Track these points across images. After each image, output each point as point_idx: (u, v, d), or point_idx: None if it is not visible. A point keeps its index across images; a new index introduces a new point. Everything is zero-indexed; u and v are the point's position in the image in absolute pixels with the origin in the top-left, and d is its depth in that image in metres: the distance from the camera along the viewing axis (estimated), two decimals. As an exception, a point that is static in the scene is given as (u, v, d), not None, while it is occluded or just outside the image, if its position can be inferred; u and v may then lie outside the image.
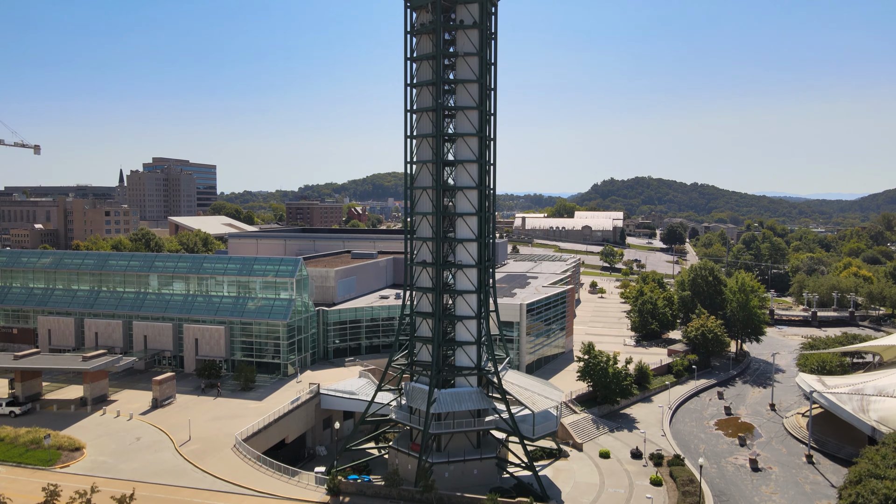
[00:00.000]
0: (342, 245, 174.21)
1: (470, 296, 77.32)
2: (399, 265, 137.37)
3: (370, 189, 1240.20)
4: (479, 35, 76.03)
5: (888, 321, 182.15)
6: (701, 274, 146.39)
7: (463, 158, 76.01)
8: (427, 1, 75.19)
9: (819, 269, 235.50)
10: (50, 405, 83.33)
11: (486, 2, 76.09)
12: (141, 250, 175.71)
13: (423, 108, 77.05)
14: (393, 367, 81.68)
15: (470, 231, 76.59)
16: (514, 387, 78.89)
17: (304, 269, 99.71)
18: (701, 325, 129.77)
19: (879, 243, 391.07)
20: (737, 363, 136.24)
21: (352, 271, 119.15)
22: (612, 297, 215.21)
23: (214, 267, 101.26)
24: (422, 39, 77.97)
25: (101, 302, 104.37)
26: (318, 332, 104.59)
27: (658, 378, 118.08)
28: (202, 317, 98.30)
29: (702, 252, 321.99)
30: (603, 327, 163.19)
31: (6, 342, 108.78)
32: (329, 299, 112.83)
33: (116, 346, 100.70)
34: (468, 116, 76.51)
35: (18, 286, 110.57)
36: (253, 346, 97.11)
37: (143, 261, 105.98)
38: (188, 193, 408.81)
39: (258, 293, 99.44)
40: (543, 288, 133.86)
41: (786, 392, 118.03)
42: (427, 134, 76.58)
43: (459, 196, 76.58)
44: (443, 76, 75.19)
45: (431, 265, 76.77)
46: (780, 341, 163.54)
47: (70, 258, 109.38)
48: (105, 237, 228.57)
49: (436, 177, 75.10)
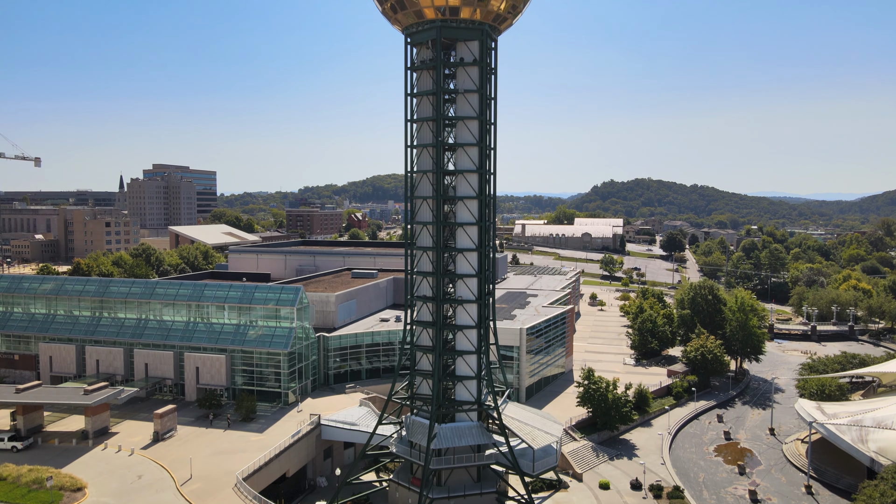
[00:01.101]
0: (342, 261, 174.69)
1: (470, 331, 77.70)
2: (399, 285, 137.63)
3: (370, 191, 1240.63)
4: (479, 72, 76.42)
5: (887, 336, 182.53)
6: (700, 293, 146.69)
7: (463, 194, 76.22)
8: (427, 38, 75.56)
9: (819, 280, 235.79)
10: (51, 438, 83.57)
11: (486, 38, 76.44)
12: (142, 266, 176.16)
13: (424, 143, 77.41)
14: (393, 399, 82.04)
15: (469, 266, 76.88)
16: (514, 422, 79.19)
17: (304, 297, 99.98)
18: (700, 345, 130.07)
19: (879, 249, 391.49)
20: (736, 382, 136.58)
21: (352, 294, 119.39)
22: (612, 309, 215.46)
23: (216, 294, 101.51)
24: (422, 75, 78.27)
25: (103, 328, 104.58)
26: (319, 358, 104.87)
27: (658, 401, 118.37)
28: (203, 345, 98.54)
29: (701, 260, 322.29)
30: (603, 343, 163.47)
31: (7, 368, 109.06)
32: (329, 324, 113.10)
33: (118, 374, 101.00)
34: (468, 152, 76.89)
35: (20, 311, 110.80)
36: (254, 374, 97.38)
37: (145, 287, 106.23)
38: (188, 201, 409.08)
39: (259, 321, 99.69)
40: (543, 308, 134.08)
41: (785, 414, 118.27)
42: (427, 170, 76.90)
43: (459, 233, 76.90)
44: (443, 113, 75.49)
45: (432, 300, 77.06)
46: (780, 357, 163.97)
47: (71, 284, 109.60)
48: (106, 250, 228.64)
49: (436, 211, 75.39)
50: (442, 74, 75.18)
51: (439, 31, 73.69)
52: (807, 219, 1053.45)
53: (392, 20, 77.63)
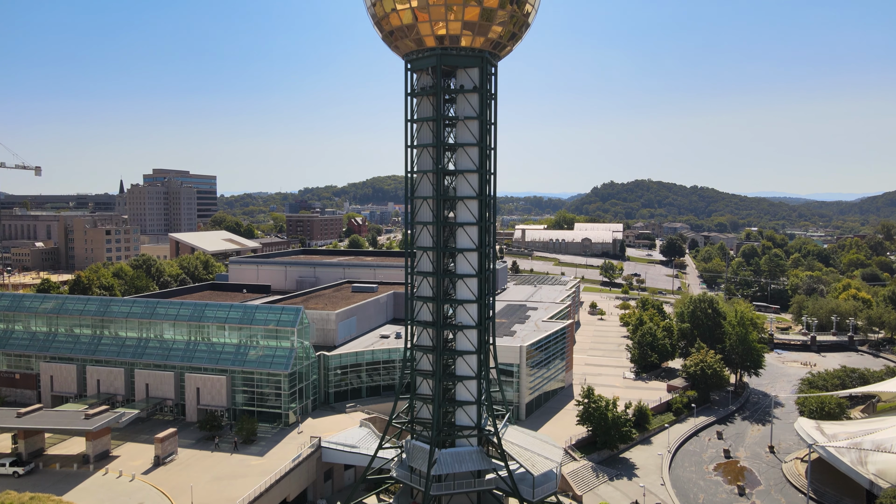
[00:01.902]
0: (342, 273, 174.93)
1: (470, 356, 77.95)
2: (399, 299, 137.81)
3: (370, 192, 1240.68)
4: (479, 98, 76.65)
5: (887, 347, 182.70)
6: (700, 306, 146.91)
7: (463, 221, 76.51)
8: (427, 65, 75.80)
9: (818, 288, 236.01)
10: (53, 462, 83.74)
11: (487, 65, 76.67)
12: (142, 277, 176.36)
13: (424, 170, 77.64)
14: (394, 424, 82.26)
15: (469, 292, 77.06)
16: (514, 447, 79.38)
17: (304, 317, 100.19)
18: (700, 359, 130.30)
19: (879, 253, 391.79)
20: (736, 396, 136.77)
21: (352, 311, 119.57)
22: (612, 318, 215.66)
23: (216, 315, 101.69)
24: (422, 101, 78.45)
25: (104, 348, 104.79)
26: (320, 378, 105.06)
27: (658, 417, 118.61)
28: (204, 365, 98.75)
29: (701, 266, 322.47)
30: (602, 355, 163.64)
31: (8, 387, 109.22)
32: (330, 341, 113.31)
33: (118, 394, 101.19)
34: (468, 179, 77.11)
35: (21, 329, 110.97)
36: (254, 395, 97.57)
37: (145, 307, 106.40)
38: (188, 206, 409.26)
39: (259, 341, 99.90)
40: (543, 323, 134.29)
41: (785, 430, 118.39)
42: (427, 196, 77.14)
43: (459, 259, 77.15)
44: (443, 140, 75.69)
45: (432, 325, 77.24)
46: (779, 369, 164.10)
47: (72, 303, 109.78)
48: (106, 259, 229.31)
49: (435, 238, 75.62)
50: (442, 101, 75.43)
51: (439, 59, 73.98)
52: (807, 220, 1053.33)
53: (392, 47, 77.84)
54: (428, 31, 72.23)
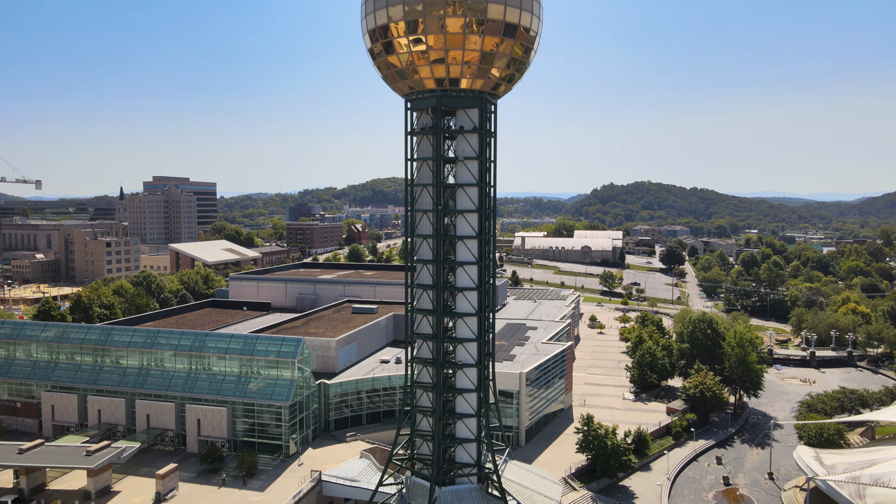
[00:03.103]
0: (342, 291, 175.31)
1: (469, 394, 78.32)
2: (399, 321, 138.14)
3: (370, 195, 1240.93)
4: (478, 139, 77.00)
5: (886, 362, 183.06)
6: (700, 326, 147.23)
7: (463, 260, 76.87)
8: (427, 105, 76.16)
9: (817, 300, 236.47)
10: (54, 498, 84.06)
11: (486, 104, 77.04)
12: (142, 295, 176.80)
13: (423, 208, 77.96)
14: (394, 461, 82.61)
15: (469, 331, 77.43)
16: (513, 485, 79.80)
17: (305, 348, 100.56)
18: (700, 381, 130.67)
19: (878, 259, 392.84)
20: (735, 417, 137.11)
21: (352, 337, 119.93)
22: (612, 331, 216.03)
23: (217, 346, 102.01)
24: (422, 140, 78.77)
25: (105, 377, 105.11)
26: (320, 406, 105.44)
27: (657, 441, 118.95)
28: (205, 396, 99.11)
29: (701, 276, 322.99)
30: (602, 373, 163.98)
31: (10, 415, 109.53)
32: (330, 368, 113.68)
33: (119, 424, 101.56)
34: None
35: (22, 357, 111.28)
36: (255, 426, 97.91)
37: (146, 336, 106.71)
38: (188, 215, 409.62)
39: (260, 371, 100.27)
40: (543, 345, 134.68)
41: (784, 455, 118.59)
42: (427, 235, 77.48)
43: (459, 297, 77.52)
44: (442, 180, 76.03)
45: (431, 363, 77.61)
46: (779, 387, 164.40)
47: (73, 331, 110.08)
48: (107, 273, 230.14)
49: (436, 280, 75.98)
50: (442, 140, 75.76)
51: (439, 101, 74.34)
52: (806, 222, 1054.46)
53: (392, 87, 78.14)
54: (427, 73, 72.57)
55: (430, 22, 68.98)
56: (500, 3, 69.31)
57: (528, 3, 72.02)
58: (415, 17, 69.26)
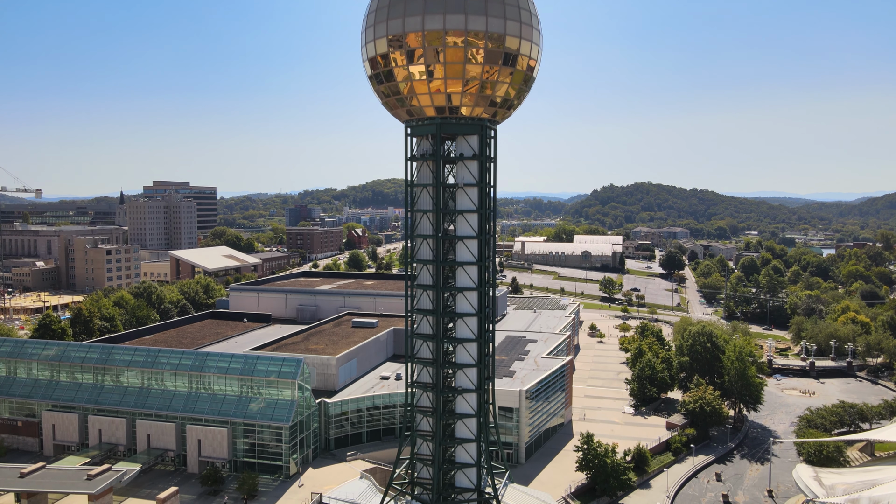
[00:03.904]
0: (342, 302, 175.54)
1: (469, 419, 78.56)
2: (399, 336, 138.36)
3: (370, 196, 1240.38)
4: (478, 166, 77.22)
5: (885, 373, 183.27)
6: (699, 340, 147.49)
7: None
8: (427, 132, 76.40)
9: (817, 308, 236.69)
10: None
11: (486, 129, 77.27)
12: (143, 307, 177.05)
13: (424, 234, 78.18)
14: (394, 486, 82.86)
15: (469, 357, 77.69)
16: (513, 510, 79.95)
17: (305, 368, 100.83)
18: (699, 396, 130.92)
19: (878, 263, 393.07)
20: (735, 431, 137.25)
21: (353, 354, 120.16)
22: (612, 340, 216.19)
23: (218, 365, 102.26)
24: (422, 166, 79.00)
25: (106, 396, 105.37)
26: (321, 425, 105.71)
27: (657, 458, 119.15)
28: (205, 416, 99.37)
29: (701, 282, 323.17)
30: (602, 385, 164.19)
31: (11, 434, 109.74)
32: (331, 386, 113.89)
33: (120, 444, 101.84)
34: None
35: (23, 376, 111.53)
36: (255, 446, 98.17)
37: (147, 355, 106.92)
38: (188, 220, 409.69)
39: (261, 390, 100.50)
40: (543, 360, 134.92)
41: (784, 471, 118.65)
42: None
43: (459, 324, 77.76)
44: (441, 207, 76.26)
45: (431, 388, 77.87)
46: (778, 399, 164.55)
47: (74, 350, 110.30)
48: (107, 282, 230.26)
49: (435, 303, 76.21)
50: (441, 169, 76.02)
51: (439, 128, 74.62)
52: (806, 223, 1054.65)
53: (392, 113, 78.35)
54: (427, 101, 72.81)
55: (430, 52, 69.24)
56: (499, 32, 69.56)
57: (528, 32, 72.27)
58: (414, 46, 69.52)
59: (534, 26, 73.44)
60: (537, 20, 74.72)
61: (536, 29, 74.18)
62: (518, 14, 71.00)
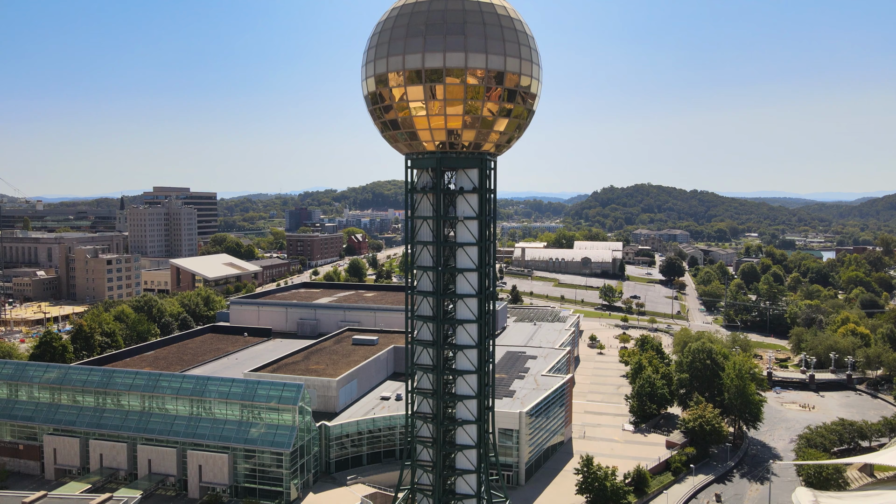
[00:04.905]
0: (343, 316, 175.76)
1: (469, 450, 78.91)
2: (399, 354, 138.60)
3: (370, 197, 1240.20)
4: (478, 199, 77.49)
5: (885, 386, 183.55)
6: (699, 357, 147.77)
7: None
8: (428, 165, 76.69)
9: (817, 318, 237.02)
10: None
11: (486, 163, 77.54)
12: (143, 321, 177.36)
13: (424, 266, 78.48)
14: None
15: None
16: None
17: (306, 393, 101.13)
18: (699, 415, 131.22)
19: (878, 269, 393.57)
20: (735, 449, 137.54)
21: (353, 375, 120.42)
22: (612, 351, 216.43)
23: (219, 390, 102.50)
24: (423, 197, 79.22)
25: (107, 419, 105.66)
26: (321, 448, 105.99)
27: (656, 478, 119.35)
28: (206, 442, 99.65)
29: (701, 289, 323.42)
30: (602, 400, 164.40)
31: (12, 457, 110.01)
32: (331, 408, 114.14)
33: (121, 469, 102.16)
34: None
35: (24, 398, 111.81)
36: (256, 472, 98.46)
37: (148, 379, 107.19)
38: (189, 228, 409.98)
39: (262, 415, 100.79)
40: (543, 378, 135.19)
41: (783, 491, 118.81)
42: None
43: (460, 357, 78.06)
44: (442, 239, 76.53)
45: (432, 420, 78.18)
46: (778, 414, 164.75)
47: (75, 373, 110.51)
48: (108, 295, 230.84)
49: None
50: (442, 201, 76.32)
51: (439, 162, 74.89)
52: (806, 225, 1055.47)
53: (393, 146, 78.60)
54: (427, 137, 73.06)
55: (430, 89, 69.43)
56: (499, 69, 69.81)
57: (528, 68, 72.52)
58: (414, 83, 69.75)
59: (533, 61, 73.68)
60: (537, 55, 74.95)
61: (536, 64, 74.42)
62: (518, 50, 71.23)
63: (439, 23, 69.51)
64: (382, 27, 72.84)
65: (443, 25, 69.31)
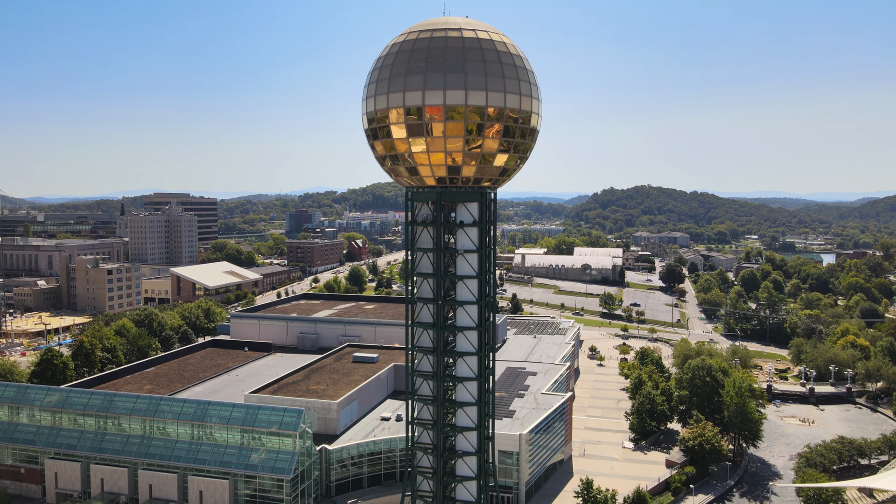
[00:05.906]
0: (343, 330, 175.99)
1: (470, 482, 79.23)
2: (399, 372, 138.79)
3: (370, 199, 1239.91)
4: (478, 233, 77.74)
5: (885, 399, 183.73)
6: (699, 374, 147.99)
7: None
8: (428, 198, 76.99)
9: (817, 329, 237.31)
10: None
11: (486, 196, 77.79)
12: (144, 336, 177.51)
13: (424, 298, 78.69)
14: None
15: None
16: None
17: (306, 418, 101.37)
18: (699, 433, 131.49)
19: (878, 274, 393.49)
20: (735, 467, 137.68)
21: (353, 396, 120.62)
22: (612, 363, 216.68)
23: (219, 415, 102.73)
24: (423, 231, 79.46)
25: (108, 443, 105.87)
26: (321, 472, 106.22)
27: (656, 499, 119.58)
28: (207, 468, 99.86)
29: (701, 297, 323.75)
30: (602, 416, 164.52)
31: (13, 480, 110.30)
32: (332, 430, 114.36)
33: (122, 494, 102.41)
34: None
35: (25, 421, 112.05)
36: (256, 497, 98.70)
37: (149, 403, 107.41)
38: (189, 235, 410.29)
39: (262, 441, 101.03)
40: (543, 396, 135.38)
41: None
42: (428, 324, 78.23)
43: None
44: (442, 273, 76.79)
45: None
46: (778, 428, 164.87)
47: (76, 396, 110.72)
48: (108, 302, 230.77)
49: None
50: (442, 232, 76.59)
51: (439, 196, 75.21)
52: (806, 226, 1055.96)
53: (394, 179, 78.87)
54: (428, 172, 73.33)
55: (431, 125, 69.66)
56: (500, 106, 70.07)
57: (528, 103, 72.78)
58: (415, 120, 69.99)
59: (534, 96, 73.93)
60: (537, 90, 75.20)
61: (537, 98, 74.68)
62: (518, 87, 71.50)
63: (439, 60, 69.76)
64: (383, 62, 73.09)
65: (443, 63, 69.55)
